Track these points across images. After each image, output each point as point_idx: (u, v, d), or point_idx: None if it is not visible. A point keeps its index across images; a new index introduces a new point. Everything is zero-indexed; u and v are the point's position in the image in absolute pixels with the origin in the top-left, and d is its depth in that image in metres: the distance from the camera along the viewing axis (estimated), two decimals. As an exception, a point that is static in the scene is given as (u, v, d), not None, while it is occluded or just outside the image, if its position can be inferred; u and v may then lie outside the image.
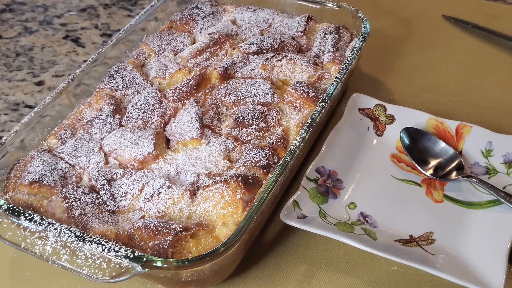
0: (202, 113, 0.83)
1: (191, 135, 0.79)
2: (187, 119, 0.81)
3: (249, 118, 0.81)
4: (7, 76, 1.12)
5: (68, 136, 0.82)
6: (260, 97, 0.85)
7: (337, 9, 1.02)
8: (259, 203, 0.66)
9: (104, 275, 0.60)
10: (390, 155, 0.87)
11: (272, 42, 0.96)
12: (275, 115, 0.83)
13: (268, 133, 0.81)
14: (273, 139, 0.79)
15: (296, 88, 0.85)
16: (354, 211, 0.78)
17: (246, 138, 0.80)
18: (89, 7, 1.33)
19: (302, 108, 0.84)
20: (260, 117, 0.81)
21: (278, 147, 0.78)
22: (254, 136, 0.80)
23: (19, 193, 0.72)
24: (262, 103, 0.85)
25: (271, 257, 0.75)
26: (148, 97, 0.86)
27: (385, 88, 1.01)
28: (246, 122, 0.81)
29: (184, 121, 0.81)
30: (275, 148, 0.78)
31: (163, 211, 0.70)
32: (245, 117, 0.81)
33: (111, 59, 0.95)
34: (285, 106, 0.85)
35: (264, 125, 0.81)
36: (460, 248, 0.72)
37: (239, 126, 0.80)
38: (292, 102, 0.85)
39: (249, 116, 0.81)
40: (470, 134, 0.84)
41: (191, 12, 1.07)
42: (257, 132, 0.80)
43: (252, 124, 0.81)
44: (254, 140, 0.80)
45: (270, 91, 0.85)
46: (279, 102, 0.85)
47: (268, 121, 0.82)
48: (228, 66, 0.91)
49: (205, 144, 0.79)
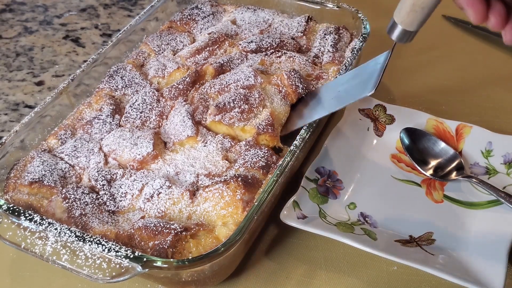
0: (193, 110, 0.82)
1: (186, 134, 0.79)
2: (179, 118, 0.81)
3: (230, 102, 0.80)
4: (7, 76, 1.12)
5: (68, 136, 0.82)
6: (243, 81, 0.84)
7: (337, 10, 1.02)
8: (259, 203, 0.66)
9: (104, 275, 0.60)
10: (390, 155, 0.87)
11: (272, 41, 0.96)
12: (257, 96, 0.81)
13: (251, 114, 0.80)
14: (263, 125, 0.78)
15: (290, 76, 0.84)
16: (354, 211, 0.78)
17: (230, 122, 0.79)
18: (89, 7, 1.33)
19: (286, 97, 0.83)
20: (242, 99, 0.80)
21: (272, 135, 0.78)
22: (238, 118, 0.79)
23: (19, 193, 0.72)
24: (245, 87, 0.83)
25: (271, 257, 0.75)
26: (145, 96, 0.86)
27: (385, 88, 1.01)
28: (227, 107, 0.80)
29: (177, 121, 0.81)
30: (265, 134, 0.78)
31: (163, 211, 0.70)
32: (226, 102, 0.80)
33: (111, 59, 0.95)
34: (271, 87, 0.84)
35: (247, 107, 0.80)
36: (460, 248, 0.72)
37: (221, 111, 0.80)
38: (279, 86, 0.84)
39: (230, 100, 0.80)
40: (470, 134, 0.84)
41: (191, 12, 1.07)
42: (240, 114, 0.79)
43: (234, 107, 0.80)
44: (238, 122, 0.79)
45: (252, 74, 0.84)
46: (264, 82, 0.84)
47: (251, 102, 0.80)
48: (224, 63, 0.91)
49: (202, 142, 0.79)
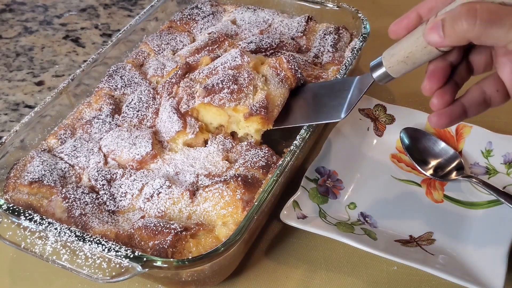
0: (177, 102, 0.81)
1: (174, 129, 0.78)
2: (166, 115, 0.80)
3: (219, 83, 0.78)
4: (7, 76, 1.12)
5: (68, 136, 0.82)
6: (231, 62, 0.82)
7: (337, 10, 1.02)
8: (259, 203, 0.66)
9: (104, 275, 0.60)
10: (390, 155, 0.87)
11: (271, 41, 0.95)
12: (247, 75, 0.79)
13: (242, 94, 0.78)
14: (257, 106, 0.77)
15: (289, 60, 0.83)
16: (354, 211, 0.78)
17: (220, 103, 0.77)
18: (89, 7, 1.33)
19: (284, 80, 0.82)
20: (230, 80, 0.78)
21: (263, 117, 0.76)
22: (228, 99, 0.77)
23: (19, 193, 0.72)
24: (233, 67, 0.82)
25: (271, 257, 0.75)
26: (141, 95, 0.86)
27: (385, 88, 1.01)
28: (216, 88, 0.78)
29: (164, 118, 0.80)
30: (257, 116, 0.76)
31: (163, 211, 0.70)
32: (215, 83, 0.78)
33: (111, 59, 0.95)
34: (269, 70, 0.83)
35: (236, 87, 0.78)
36: (460, 248, 0.72)
37: (210, 93, 0.78)
38: (277, 69, 0.82)
39: (219, 81, 0.78)
40: (470, 134, 0.84)
41: (191, 12, 1.07)
42: (230, 94, 0.77)
43: (223, 88, 0.78)
44: (228, 103, 0.77)
45: (238, 53, 0.83)
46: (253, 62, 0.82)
47: (240, 82, 0.79)
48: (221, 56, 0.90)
49: (191, 134, 0.78)
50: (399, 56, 0.59)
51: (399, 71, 0.61)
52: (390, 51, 0.61)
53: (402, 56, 0.59)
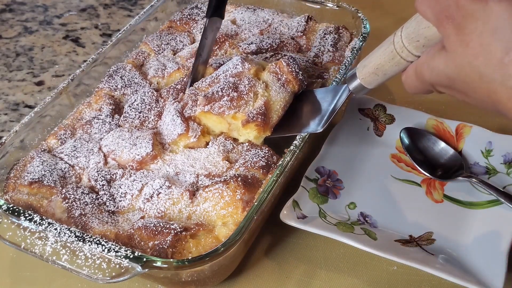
0: (182, 107, 0.81)
1: (177, 132, 0.78)
2: (169, 118, 0.80)
3: (219, 91, 0.78)
4: (7, 76, 1.12)
5: (68, 136, 0.82)
6: (232, 70, 0.82)
7: (337, 9, 1.02)
8: (259, 203, 0.66)
9: (104, 275, 0.60)
10: (390, 155, 0.87)
11: (272, 42, 0.95)
12: (247, 82, 0.79)
13: (242, 101, 0.78)
14: (254, 113, 0.76)
15: (289, 64, 0.82)
16: (354, 211, 0.78)
17: (219, 111, 0.77)
18: (89, 7, 1.33)
19: (286, 84, 0.81)
20: (231, 87, 0.78)
21: (259, 124, 0.76)
22: (227, 106, 0.77)
23: (19, 193, 0.72)
24: (234, 75, 0.81)
25: (271, 257, 0.75)
26: (144, 96, 0.86)
27: (385, 88, 1.01)
28: (216, 96, 0.78)
29: (168, 121, 0.81)
30: (253, 123, 0.76)
31: (162, 212, 0.70)
32: (215, 91, 0.78)
33: (111, 59, 0.95)
34: (269, 75, 0.82)
35: (236, 94, 0.78)
36: (460, 248, 0.72)
37: (210, 101, 0.78)
38: (277, 74, 0.82)
39: (219, 89, 0.78)
40: (470, 134, 0.84)
41: (191, 12, 1.07)
42: (229, 102, 0.77)
43: (223, 96, 0.78)
44: (228, 111, 0.77)
45: (239, 61, 0.82)
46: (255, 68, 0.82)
47: (240, 89, 0.78)
48: (224, 63, 0.90)
49: (193, 137, 0.78)
50: (370, 68, 0.59)
51: (371, 83, 0.61)
52: (363, 63, 0.61)
53: (372, 67, 0.59)
